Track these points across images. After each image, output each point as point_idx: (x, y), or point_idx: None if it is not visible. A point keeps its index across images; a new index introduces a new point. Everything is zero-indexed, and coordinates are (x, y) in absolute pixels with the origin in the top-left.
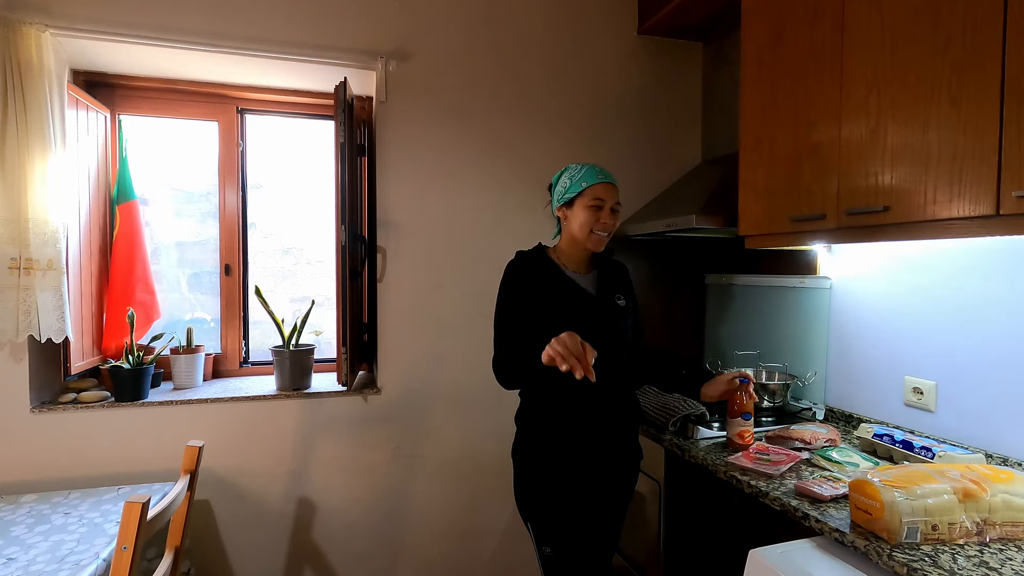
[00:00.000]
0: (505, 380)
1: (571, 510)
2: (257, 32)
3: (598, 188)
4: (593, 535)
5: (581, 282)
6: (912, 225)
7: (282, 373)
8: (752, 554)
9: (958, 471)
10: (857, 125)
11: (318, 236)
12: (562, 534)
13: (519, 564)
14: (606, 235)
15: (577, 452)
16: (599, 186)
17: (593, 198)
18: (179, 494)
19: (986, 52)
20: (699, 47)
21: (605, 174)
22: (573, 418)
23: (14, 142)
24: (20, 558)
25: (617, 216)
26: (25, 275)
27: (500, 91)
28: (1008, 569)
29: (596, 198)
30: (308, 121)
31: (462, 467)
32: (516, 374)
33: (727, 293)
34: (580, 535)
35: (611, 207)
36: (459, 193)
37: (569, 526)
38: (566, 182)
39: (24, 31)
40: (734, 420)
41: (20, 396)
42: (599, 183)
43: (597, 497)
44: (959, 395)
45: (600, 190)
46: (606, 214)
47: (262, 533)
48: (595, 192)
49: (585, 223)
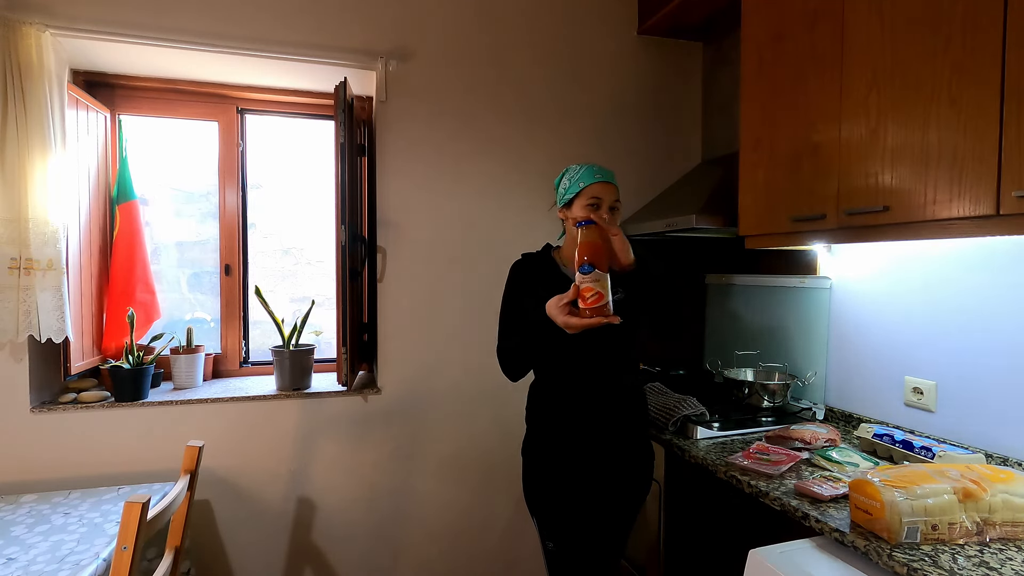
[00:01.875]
0: (510, 368)
1: (575, 507)
2: (257, 32)
3: (595, 187)
4: (597, 534)
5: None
6: (912, 225)
7: (282, 373)
8: (752, 554)
9: (958, 471)
10: (857, 125)
11: (318, 236)
12: (565, 530)
13: (519, 563)
14: None
15: (582, 450)
16: (596, 185)
17: (590, 197)
18: (179, 494)
19: (986, 52)
20: (699, 47)
21: (603, 173)
22: (577, 415)
23: (14, 142)
24: (20, 558)
25: (616, 214)
26: (25, 275)
27: (500, 91)
28: (1008, 569)
29: (593, 197)
30: (308, 121)
31: (462, 467)
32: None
33: (727, 293)
34: (584, 532)
35: (609, 205)
36: (459, 193)
37: (573, 522)
38: (566, 183)
39: (24, 31)
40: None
41: (20, 396)
42: (596, 182)
43: (602, 495)
44: (959, 395)
45: (597, 189)
46: (603, 213)
47: (262, 533)
48: (592, 192)
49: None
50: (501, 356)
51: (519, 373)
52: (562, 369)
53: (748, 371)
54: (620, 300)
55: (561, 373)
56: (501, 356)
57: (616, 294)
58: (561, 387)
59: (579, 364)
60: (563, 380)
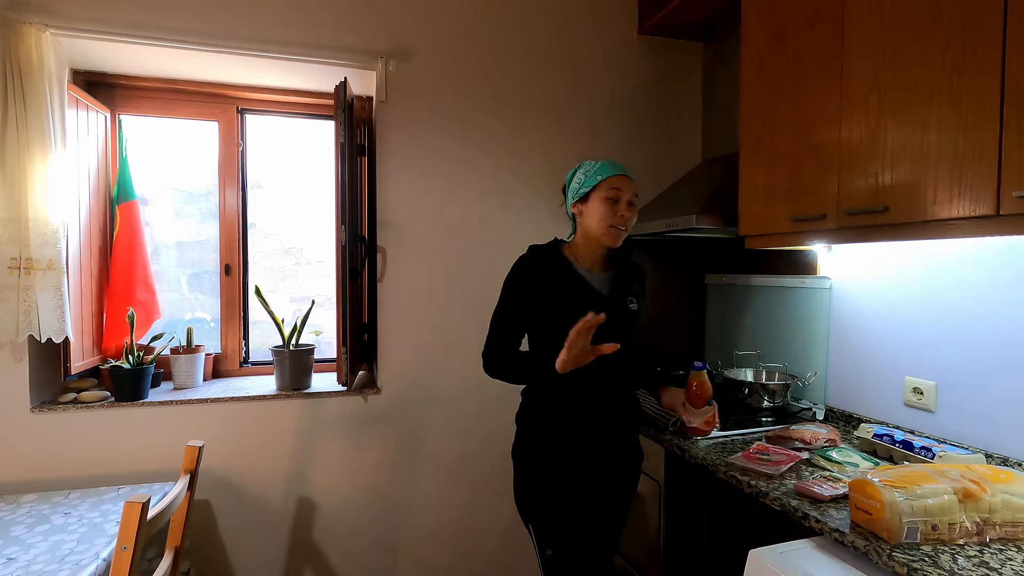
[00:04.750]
0: (492, 370)
1: (572, 511)
2: (257, 32)
3: (614, 180)
4: (594, 536)
5: (593, 281)
6: (912, 225)
7: (282, 373)
8: (752, 554)
9: (958, 471)
10: (857, 125)
11: (318, 236)
12: (564, 535)
13: (519, 563)
14: (624, 229)
15: (577, 452)
16: (615, 178)
17: (610, 188)
18: (179, 494)
19: (986, 52)
20: (699, 47)
21: (621, 167)
22: (574, 419)
23: (14, 142)
24: (20, 558)
25: (634, 210)
26: (25, 275)
27: (500, 91)
28: (1008, 569)
29: (613, 188)
30: (308, 121)
31: (462, 467)
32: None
33: (727, 293)
34: (581, 536)
35: (628, 200)
36: (459, 193)
37: (570, 527)
38: (581, 177)
39: (24, 31)
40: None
41: (20, 396)
42: (616, 175)
43: (598, 498)
44: (959, 395)
45: (617, 181)
46: (623, 206)
47: (262, 533)
48: (611, 183)
49: (603, 217)
50: (488, 362)
51: (499, 379)
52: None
53: (748, 371)
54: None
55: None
56: (488, 362)
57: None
58: (559, 390)
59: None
60: (563, 382)
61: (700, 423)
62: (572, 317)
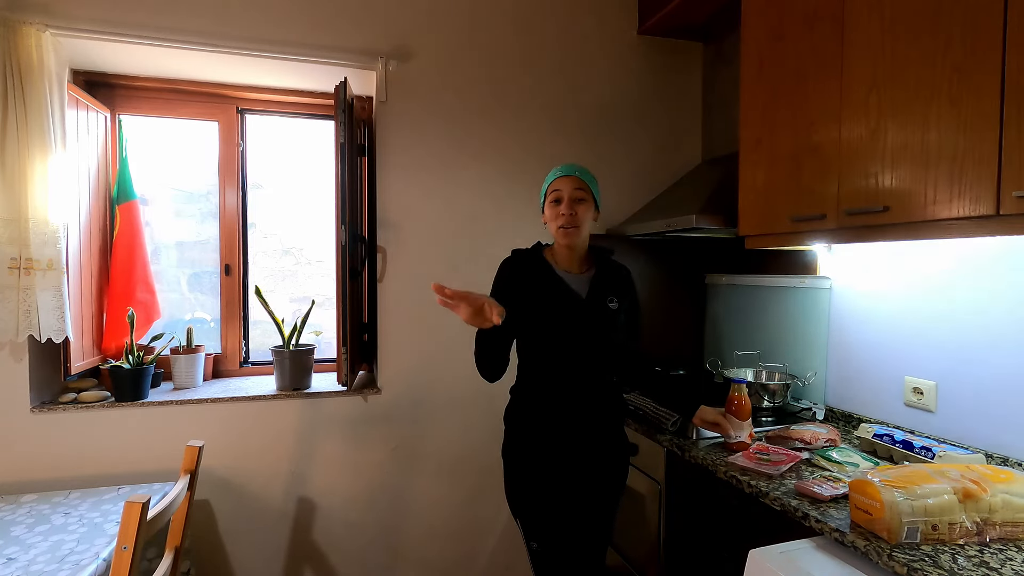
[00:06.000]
0: (482, 369)
1: (557, 506)
2: (257, 32)
3: (556, 182)
4: (580, 530)
5: (572, 282)
6: (912, 225)
7: (282, 373)
8: (752, 554)
9: (958, 471)
10: (857, 125)
11: (318, 236)
12: (548, 529)
13: (518, 563)
14: (572, 227)
15: (560, 447)
16: (556, 180)
17: (552, 191)
18: (179, 494)
19: (986, 53)
20: (699, 47)
21: (565, 168)
22: (555, 414)
23: (14, 142)
24: (20, 558)
25: (580, 205)
26: (25, 275)
27: (501, 90)
28: (1008, 569)
29: (555, 191)
30: (308, 121)
31: (461, 466)
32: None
33: (727, 293)
34: (567, 530)
35: (570, 197)
36: (459, 193)
37: (555, 521)
38: (542, 188)
39: (24, 31)
40: (744, 423)
41: (20, 396)
42: (556, 177)
43: (583, 493)
44: (959, 395)
45: (557, 183)
46: (564, 205)
47: (262, 533)
48: (554, 187)
49: (551, 219)
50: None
51: (491, 376)
52: (544, 370)
53: (748, 371)
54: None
55: (543, 374)
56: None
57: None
58: (542, 387)
59: (562, 365)
60: (545, 380)
61: (745, 436)
62: (549, 317)
